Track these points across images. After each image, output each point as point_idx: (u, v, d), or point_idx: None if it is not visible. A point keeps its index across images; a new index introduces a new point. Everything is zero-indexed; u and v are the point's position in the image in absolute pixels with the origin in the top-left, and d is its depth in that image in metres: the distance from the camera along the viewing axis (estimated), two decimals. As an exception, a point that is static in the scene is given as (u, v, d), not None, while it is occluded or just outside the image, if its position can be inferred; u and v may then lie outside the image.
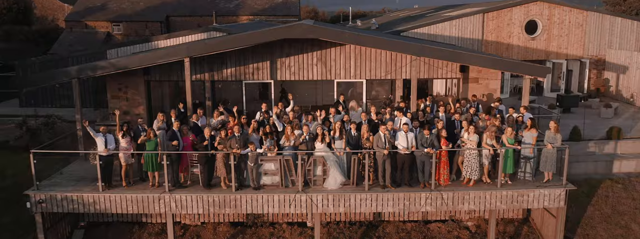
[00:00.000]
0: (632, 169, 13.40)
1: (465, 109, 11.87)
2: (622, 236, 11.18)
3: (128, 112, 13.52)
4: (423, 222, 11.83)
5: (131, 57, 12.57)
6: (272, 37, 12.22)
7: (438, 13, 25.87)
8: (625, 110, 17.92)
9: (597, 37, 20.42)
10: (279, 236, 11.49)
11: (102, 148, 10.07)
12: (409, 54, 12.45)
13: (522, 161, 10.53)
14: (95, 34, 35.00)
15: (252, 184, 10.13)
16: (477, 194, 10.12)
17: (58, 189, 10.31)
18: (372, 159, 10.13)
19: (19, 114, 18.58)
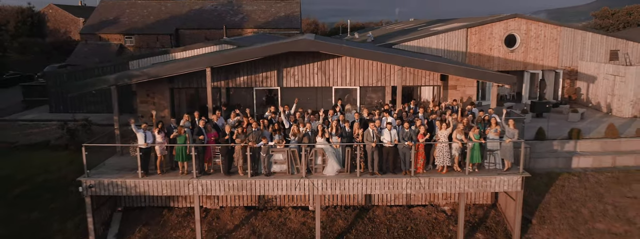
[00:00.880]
0: (589, 164, 15.75)
1: (440, 111, 14.27)
2: (572, 218, 13.51)
3: (154, 115, 15.94)
4: (407, 206, 14.18)
5: (161, 66, 14.99)
6: (279, 50, 14.73)
7: (429, 27, 28.47)
8: (592, 115, 20.35)
9: (570, 50, 22.94)
10: (285, 217, 13.83)
11: (142, 142, 12.47)
12: (395, 64, 14.94)
13: (487, 153, 12.89)
14: (108, 46, 37.63)
15: (264, 171, 12.50)
16: (448, 180, 12.47)
17: (104, 176, 12.66)
18: (362, 151, 12.50)
19: (51, 119, 21.08)
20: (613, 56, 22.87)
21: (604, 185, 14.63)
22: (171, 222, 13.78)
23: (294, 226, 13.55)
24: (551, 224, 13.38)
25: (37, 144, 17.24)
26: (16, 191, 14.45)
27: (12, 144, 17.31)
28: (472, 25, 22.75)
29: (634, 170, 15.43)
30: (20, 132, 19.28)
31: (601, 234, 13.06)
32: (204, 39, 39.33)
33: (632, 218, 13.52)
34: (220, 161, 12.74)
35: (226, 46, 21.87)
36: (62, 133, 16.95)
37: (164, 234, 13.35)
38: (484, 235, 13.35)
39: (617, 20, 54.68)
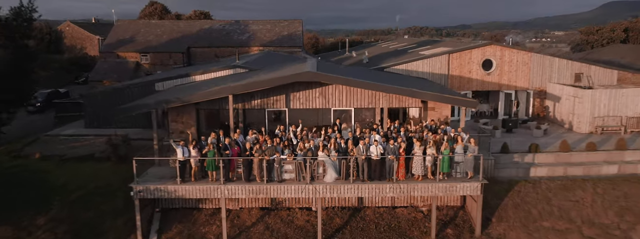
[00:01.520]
0: (544, 174, 19.15)
1: (419, 130, 17.74)
2: (524, 217, 16.93)
3: (183, 131, 19.43)
4: (391, 207, 17.60)
5: (192, 94, 18.45)
6: (288, 81, 18.25)
7: (418, 49, 32.03)
8: (555, 131, 23.83)
9: (539, 73, 26.48)
10: (293, 216, 17.24)
11: (180, 156, 15.92)
12: (382, 92, 18.45)
13: (455, 165, 16.32)
14: (126, 64, 41.26)
15: (277, 178, 15.94)
16: (423, 186, 15.90)
17: (149, 183, 16.09)
18: (355, 163, 15.95)
19: (88, 134, 24.57)
20: (577, 79, 26.38)
21: (553, 191, 18.06)
22: (200, 220, 17.20)
23: (300, 223, 16.97)
24: (507, 222, 16.80)
25: (83, 156, 20.67)
26: (73, 196, 17.87)
27: (62, 156, 20.75)
28: (454, 51, 26.32)
29: (580, 179, 18.84)
30: (65, 145, 22.73)
31: (546, 230, 16.47)
32: (213, 56, 43.00)
33: (572, 218, 16.93)
34: (241, 170, 16.19)
35: (239, 70, 25.38)
36: (105, 147, 20.41)
37: (195, 230, 16.77)
38: (453, 230, 16.75)
39: (601, 37, 58.37)
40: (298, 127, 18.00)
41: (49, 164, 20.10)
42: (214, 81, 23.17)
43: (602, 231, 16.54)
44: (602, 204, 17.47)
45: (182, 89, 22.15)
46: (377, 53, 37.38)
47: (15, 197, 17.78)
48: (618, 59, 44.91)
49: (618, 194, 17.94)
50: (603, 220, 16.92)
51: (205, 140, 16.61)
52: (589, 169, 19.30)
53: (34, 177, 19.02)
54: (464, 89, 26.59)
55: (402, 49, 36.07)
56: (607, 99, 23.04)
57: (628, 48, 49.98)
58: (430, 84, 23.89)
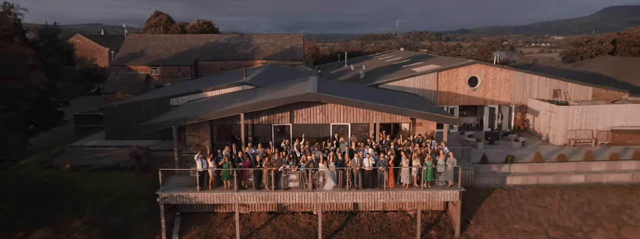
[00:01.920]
0: (518, 182, 21.75)
1: (407, 143, 20.36)
2: (498, 220, 19.52)
3: (199, 144, 22.05)
4: (382, 211, 20.19)
5: (209, 112, 21.03)
6: (292, 101, 20.89)
7: (410, 65, 34.70)
8: (533, 142, 26.47)
9: (520, 89, 29.15)
10: (297, 219, 19.83)
11: (200, 167, 18.53)
12: (374, 110, 21.11)
13: (437, 174, 18.92)
14: (137, 76, 43.90)
15: (283, 186, 18.55)
16: (410, 193, 18.51)
17: (173, 191, 18.70)
18: (350, 173, 18.56)
19: (109, 145, 27.18)
20: (555, 94, 29.04)
21: (525, 197, 20.66)
22: (216, 223, 19.79)
23: (302, 225, 19.56)
24: (483, 225, 19.39)
25: (109, 167, 23.27)
26: (103, 202, 20.46)
27: (90, 167, 23.35)
28: (442, 69, 29.00)
29: (550, 187, 21.45)
30: (90, 156, 25.35)
31: (517, 232, 19.07)
32: (219, 69, 45.67)
33: (540, 221, 19.53)
34: (252, 179, 18.80)
35: (247, 87, 28.01)
36: (129, 158, 23.03)
37: (211, 232, 19.36)
38: (436, 232, 19.35)
39: (590, 48, 61.16)
40: (301, 141, 20.63)
41: (78, 174, 22.72)
42: (224, 97, 25.82)
43: (565, 233, 19.13)
44: (567, 210, 20.08)
45: (197, 106, 24.79)
46: (373, 67, 40.06)
47: (51, 204, 20.38)
48: (603, 71, 47.74)
49: (582, 201, 20.55)
50: (567, 224, 19.51)
51: (221, 153, 19.24)
52: (559, 178, 21.91)
53: (66, 186, 21.63)
54: (452, 103, 29.25)
55: (396, 63, 38.77)
56: (579, 114, 25.69)
57: (613, 60, 52.79)
58: (420, 100, 26.58)
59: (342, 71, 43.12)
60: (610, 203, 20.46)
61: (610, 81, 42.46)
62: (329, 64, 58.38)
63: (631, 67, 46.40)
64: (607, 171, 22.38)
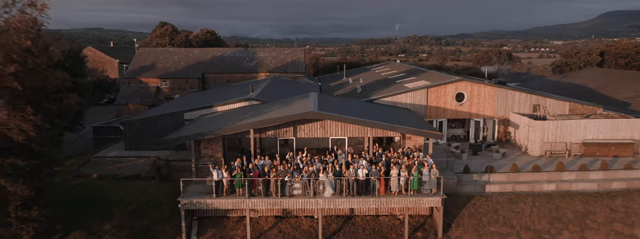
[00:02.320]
0: (496, 190, 24.65)
1: (397, 156, 23.28)
2: (476, 224, 22.41)
3: (212, 155, 24.97)
4: (375, 216, 23.08)
5: (223, 128, 23.88)
6: (295, 118, 23.83)
7: (403, 80, 37.64)
8: (513, 153, 29.38)
9: (503, 104, 32.09)
10: (300, 223, 22.71)
11: (216, 177, 21.45)
12: (367, 126, 24.07)
13: (423, 183, 21.81)
14: (148, 88, 46.92)
15: (288, 193, 21.46)
16: (398, 199, 21.41)
17: (192, 198, 21.60)
18: (347, 182, 21.47)
19: (129, 156, 30.09)
20: (535, 109, 32.00)
21: (501, 204, 23.56)
22: (229, 226, 22.68)
23: (305, 228, 22.45)
24: (463, 227, 22.29)
25: (132, 176, 26.17)
26: (129, 208, 23.36)
27: (115, 176, 26.26)
28: (431, 86, 31.97)
29: (524, 194, 24.36)
30: (112, 166, 28.27)
31: (492, 234, 21.95)
32: (225, 81, 48.69)
33: (513, 225, 22.41)
34: (261, 187, 21.71)
35: (254, 102, 30.96)
36: (150, 168, 25.96)
37: (225, 233, 22.24)
38: (422, 234, 22.24)
39: (580, 59, 64.27)
40: (303, 153, 23.56)
41: (105, 182, 25.64)
42: (234, 112, 28.75)
43: (535, 235, 22.01)
44: (538, 215, 22.97)
45: (209, 120, 27.74)
46: (369, 81, 43.03)
47: (83, 209, 23.27)
48: (589, 83, 50.78)
49: (551, 207, 23.44)
50: (537, 227, 22.40)
51: (234, 164, 22.18)
52: (532, 187, 24.83)
53: (96, 193, 24.54)
54: (441, 117, 32.21)
55: (391, 77, 41.75)
56: (554, 128, 28.63)
57: (600, 72, 55.86)
58: (410, 114, 29.54)
59: (341, 84, 46.10)
60: (576, 209, 23.36)
61: (593, 94, 45.50)
62: (329, 75, 61.39)
63: (615, 80, 49.44)
64: (576, 180, 25.28)
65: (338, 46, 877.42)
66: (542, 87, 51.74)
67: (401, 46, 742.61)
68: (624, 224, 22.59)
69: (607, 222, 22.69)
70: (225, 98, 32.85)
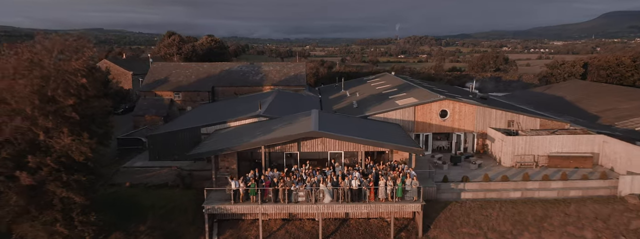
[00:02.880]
0: (469, 197, 29.16)
1: (385, 168, 27.79)
2: (450, 225, 26.94)
3: (228, 167, 29.52)
4: (366, 218, 27.64)
5: (239, 145, 28.32)
6: (299, 136, 28.39)
7: (395, 96, 42.14)
8: (488, 164, 33.90)
9: (481, 120, 36.62)
10: (303, 224, 27.26)
11: (233, 186, 25.98)
12: (361, 143, 28.62)
13: (406, 191, 26.33)
14: (162, 100, 51.44)
15: (294, 200, 26.01)
16: (385, 205, 25.96)
17: (214, 204, 26.14)
18: (342, 190, 26.00)
19: (154, 165, 34.60)
20: (509, 124, 36.53)
21: (472, 209, 28.10)
22: (244, 227, 27.21)
23: (307, 229, 26.99)
24: (439, 229, 26.83)
25: (159, 184, 30.71)
26: (160, 212, 27.90)
27: (145, 185, 30.80)
28: (418, 103, 36.52)
29: (493, 201, 28.88)
30: (141, 175, 32.79)
31: (464, 234, 26.48)
32: (233, 93, 53.20)
33: (482, 227, 26.94)
34: (271, 195, 26.25)
35: (262, 118, 35.48)
36: (175, 178, 30.52)
37: (241, 234, 26.77)
38: (405, 234, 26.78)
39: (564, 70, 68.76)
40: (306, 166, 28.09)
41: (136, 190, 30.19)
42: (245, 129, 33.26)
43: (500, 235, 26.54)
44: (503, 218, 27.51)
45: (225, 135, 32.28)
46: (365, 95, 47.53)
47: (119, 214, 27.78)
48: (568, 95, 55.36)
49: (515, 212, 27.98)
50: (502, 228, 26.93)
51: (248, 176, 26.72)
52: (501, 194, 29.36)
53: (129, 200, 29.07)
54: (426, 131, 36.76)
55: (385, 92, 46.27)
56: (523, 142, 33.17)
57: (580, 85, 60.43)
58: (399, 130, 34.08)
59: (339, 97, 50.63)
60: (536, 213, 27.90)
61: (569, 106, 50.07)
62: (329, 85, 65.91)
63: (592, 93, 54.02)
64: (539, 189, 29.81)
65: (338, 46, 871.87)
66: (526, 99, 56.41)
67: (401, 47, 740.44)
68: (575, 227, 27.14)
69: (562, 225, 27.23)
70: (236, 114, 37.38)
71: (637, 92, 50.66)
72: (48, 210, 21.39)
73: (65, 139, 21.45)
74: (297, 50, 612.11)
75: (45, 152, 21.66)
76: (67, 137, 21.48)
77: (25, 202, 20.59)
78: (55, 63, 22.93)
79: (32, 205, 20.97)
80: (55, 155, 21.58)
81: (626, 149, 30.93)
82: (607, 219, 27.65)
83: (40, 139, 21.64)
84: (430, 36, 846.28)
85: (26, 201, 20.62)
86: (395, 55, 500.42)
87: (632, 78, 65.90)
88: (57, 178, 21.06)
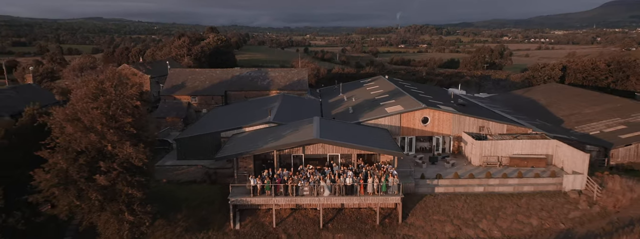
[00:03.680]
0: (442, 191, 36.28)
1: (373, 167, 34.89)
2: (424, 214, 34.18)
3: (245, 166, 36.63)
4: (358, 208, 34.86)
5: (256, 149, 35.35)
6: (304, 142, 35.45)
7: (385, 103, 49.05)
8: (460, 163, 40.98)
9: (457, 125, 43.62)
10: (307, 212, 34.47)
11: (252, 183, 33.12)
12: (353, 148, 35.71)
13: (389, 187, 33.44)
14: (181, 104, 58.37)
15: (300, 194, 33.17)
16: (373, 197, 33.15)
17: (237, 197, 33.31)
18: (338, 186, 33.11)
19: (182, 164, 41.69)
20: (480, 129, 43.52)
21: (443, 201, 35.27)
22: (260, 215, 34.42)
23: (311, 216, 34.22)
24: (415, 216, 34.05)
25: (189, 181, 37.85)
26: (193, 204, 35.09)
27: (178, 181, 37.92)
28: (404, 112, 43.48)
29: (460, 194, 36.04)
30: (172, 173, 39.89)
31: (434, 221, 33.70)
32: (243, 97, 60.10)
33: (449, 215, 34.15)
34: (282, 190, 33.40)
35: (272, 124, 42.44)
36: (202, 175, 37.64)
37: (258, 220, 34.00)
38: (389, 220, 34.01)
39: (543, 73, 75.47)
40: (309, 167, 35.18)
41: (172, 185, 37.36)
42: (259, 134, 40.27)
43: (463, 222, 33.74)
44: (467, 208, 34.69)
45: (242, 140, 39.31)
46: (360, 100, 54.38)
47: (160, 205, 34.95)
48: (541, 99, 62.23)
49: (477, 203, 35.16)
50: (465, 216, 34.12)
51: (264, 175, 33.82)
52: (467, 189, 36.50)
53: (167, 194, 36.22)
54: (411, 135, 43.80)
55: (377, 98, 53.17)
56: (490, 145, 40.20)
57: (554, 88, 67.21)
58: (386, 134, 41.10)
59: (337, 101, 57.53)
60: (494, 205, 35.09)
61: (540, 110, 56.98)
62: (329, 87, 72.73)
63: (562, 97, 60.87)
64: (499, 185, 36.93)
65: (339, 35, 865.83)
66: (505, 102, 63.32)
67: (402, 36, 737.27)
68: (524, 216, 34.33)
69: (513, 214, 34.42)
70: (250, 120, 44.37)
71: (602, 97, 57.46)
72: (115, 203, 28.47)
73: (127, 149, 28.46)
74: (297, 40, 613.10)
75: (111, 159, 28.69)
76: (128, 148, 28.49)
77: (101, 197, 27.67)
78: (116, 90, 29.83)
79: (106, 200, 28.06)
80: (119, 161, 28.61)
81: (572, 153, 37.98)
82: (550, 209, 34.85)
83: (107, 150, 28.68)
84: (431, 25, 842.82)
85: (102, 196, 27.70)
86: (396, 45, 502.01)
87: (606, 81, 72.58)
88: (123, 179, 28.09)
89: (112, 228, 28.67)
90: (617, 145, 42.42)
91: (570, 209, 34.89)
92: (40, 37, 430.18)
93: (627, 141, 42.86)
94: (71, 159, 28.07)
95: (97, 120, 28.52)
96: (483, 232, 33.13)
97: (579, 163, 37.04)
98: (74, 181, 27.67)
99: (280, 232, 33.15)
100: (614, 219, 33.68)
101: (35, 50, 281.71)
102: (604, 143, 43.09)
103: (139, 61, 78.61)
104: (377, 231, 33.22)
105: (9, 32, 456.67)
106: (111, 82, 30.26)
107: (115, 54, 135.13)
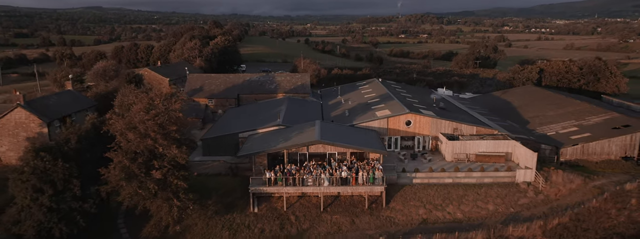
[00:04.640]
0: (418, 182, 45.75)
1: (362, 164, 44.33)
2: (403, 200, 43.77)
3: (261, 162, 46.11)
4: (351, 195, 44.42)
5: (270, 149, 44.72)
6: (308, 143, 44.88)
7: (376, 107, 58.32)
8: (436, 159, 50.40)
9: (435, 127, 52.94)
10: (311, 199, 44.06)
11: (267, 175, 42.60)
12: (347, 147, 45.15)
13: (376, 179, 42.88)
14: (199, 105, 67.63)
15: (305, 184, 42.69)
16: (363, 187, 42.70)
17: (255, 186, 42.83)
18: (335, 178, 42.59)
19: (207, 160, 51.20)
20: (454, 131, 52.86)
21: (420, 190, 44.79)
22: (273, 201, 44.00)
23: (314, 202, 43.81)
24: (396, 202, 43.63)
25: (216, 174, 47.35)
26: (220, 192, 44.68)
27: (207, 174, 47.39)
28: (391, 116, 52.79)
29: (433, 185, 45.54)
30: (200, 167, 49.36)
31: (410, 206, 43.29)
32: (253, 100, 69.36)
33: (423, 201, 43.72)
34: (291, 181, 42.90)
35: (281, 126, 51.76)
36: (226, 169, 47.13)
37: (271, 205, 43.61)
38: (375, 205, 43.62)
39: (523, 76, 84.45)
40: (312, 163, 44.63)
41: (203, 178, 46.93)
42: (271, 135, 49.64)
43: (434, 206, 43.32)
44: (437, 195, 44.22)
45: (258, 140, 48.71)
46: (355, 103, 63.62)
47: (194, 194, 44.49)
48: (515, 101, 71.45)
49: (446, 192, 44.69)
50: (436, 202, 43.67)
51: (276, 169, 43.29)
52: (439, 180, 46.00)
53: (199, 185, 45.75)
54: (396, 135, 53.19)
55: (370, 101, 62.42)
56: (460, 144, 49.59)
57: (529, 91, 76.29)
58: (375, 135, 50.51)
59: (336, 103, 66.80)
60: (459, 193, 44.62)
61: (512, 112, 66.24)
62: (329, 89, 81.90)
63: (533, 100, 70.03)
64: (465, 177, 46.42)
65: (339, 24, 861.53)
66: (485, 103, 72.57)
67: (402, 25, 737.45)
68: (483, 202, 43.90)
69: (474, 200, 43.98)
70: (262, 122, 53.75)
71: (565, 101, 66.57)
72: (165, 192, 38.00)
73: (174, 150, 37.90)
74: (298, 30, 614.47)
75: (161, 158, 38.14)
76: (174, 149, 37.92)
77: (157, 188, 37.21)
78: (163, 104, 39.15)
79: (159, 189, 37.60)
80: (167, 160, 38.06)
81: (525, 152, 47.39)
82: (504, 197, 44.42)
83: (159, 151, 38.12)
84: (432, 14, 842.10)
85: (157, 187, 37.24)
86: (396, 35, 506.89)
87: (578, 83, 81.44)
88: (173, 174, 37.60)
89: (164, 211, 38.28)
90: (567, 145, 51.85)
91: (520, 197, 44.46)
92: (41, 28, 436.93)
93: (575, 141, 52.29)
94: (132, 158, 37.54)
95: (150, 128, 37.90)
96: (449, 214, 42.76)
97: (529, 160, 46.48)
98: (136, 175, 37.17)
99: (290, 214, 42.80)
100: (554, 205, 43.42)
101: (39, 41, 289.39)
102: (556, 143, 52.51)
103: (157, 65, 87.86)
104: (366, 214, 42.86)
105: (9, 23, 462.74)
106: (159, 98, 39.58)
107: (124, 49, 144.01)
